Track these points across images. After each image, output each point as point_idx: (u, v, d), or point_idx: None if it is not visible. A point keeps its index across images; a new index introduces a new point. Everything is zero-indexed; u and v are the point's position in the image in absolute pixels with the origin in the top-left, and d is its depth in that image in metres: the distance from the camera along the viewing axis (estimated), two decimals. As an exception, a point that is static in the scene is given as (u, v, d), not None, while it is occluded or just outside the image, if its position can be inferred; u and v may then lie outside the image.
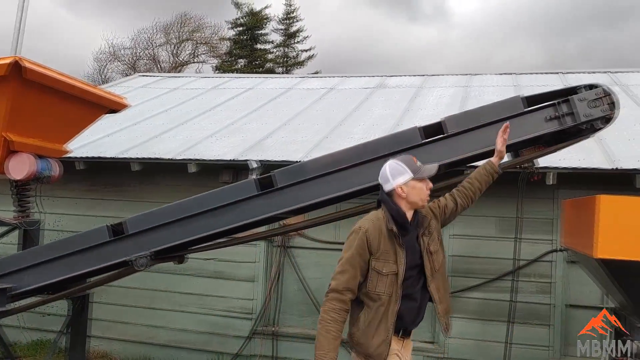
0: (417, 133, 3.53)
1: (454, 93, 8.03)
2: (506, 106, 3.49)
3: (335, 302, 2.80)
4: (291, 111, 7.73)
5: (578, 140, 3.65)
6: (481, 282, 5.46)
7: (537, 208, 5.35)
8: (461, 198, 3.16)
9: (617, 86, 7.84)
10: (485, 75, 9.14)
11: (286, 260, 6.11)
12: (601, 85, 3.40)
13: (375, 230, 2.83)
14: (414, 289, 2.87)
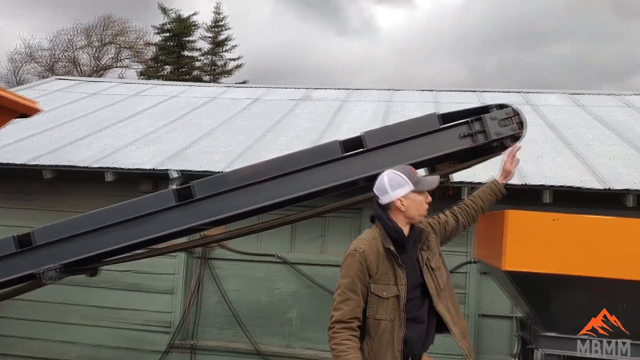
0: (338, 146, 3.57)
1: (377, 107, 8.21)
2: (423, 123, 3.60)
3: (345, 331, 2.54)
4: (215, 121, 7.64)
5: (490, 157, 3.81)
6: (399, 293, 5.57)
7: (452, 221, 5.54)
8: (463, 216, 3.02)
9: (528, 105, 8.28)
10: (407, 91, 9.41)
11: (206, 272, 6.01)
12: (511, 105, 3.57)
13: (373, 251, 2.62)
14: (419, 311, 2.65)
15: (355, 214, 5.83)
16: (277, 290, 5.92)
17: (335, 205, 3.82)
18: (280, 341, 5.83)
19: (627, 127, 7.13)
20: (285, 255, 5.89)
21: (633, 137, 6.65)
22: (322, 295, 5.76)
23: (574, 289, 3.21)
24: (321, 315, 5.78)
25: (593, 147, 6.23)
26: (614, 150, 6.12)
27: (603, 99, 8.78)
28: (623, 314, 3.31)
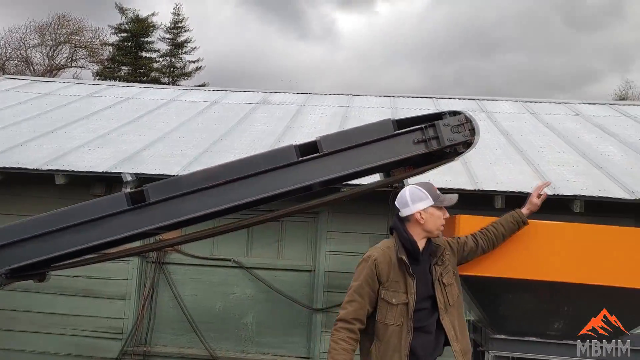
0: (293, 151, 3.57)
1: (335, 112, 8.26)
2: (378, 128, 3.63)
3: (344, 332, 2.72)
4: (171, 123, 7.54)
5: (444, 163, 3.86)
6: (355, 297, 5.60)
7: (408, 225, 5.62)
8: (483, 240, 3.12)
9: (483, 112, 8.46)
10: (365, 97, 9.49)
11: (161, 276, 5.91)
12: (463, 112, 3.63)
13: (385, 259, 2.78)
14: (427, 322, 2.77)
15: (312, 218, 5.84)
16: (233, 295, 5.87)
17: (291, 209, 3.81)
18: (236, 346, 5.78)
19: (576, 135, 7.36)
20: (241, 260, 5.85)
21: (581, 144, 6.87)
22: (279, 299, 5.75)
23: (521, 292, 3.30)
24: (277, 320, 5.77)
25: (543, 154, 6.41)
26: (563, 157, 6.31)
27: (554, 107, 9.05)
28: (568, 317, 3.41)
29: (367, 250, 2.94)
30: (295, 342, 5.76)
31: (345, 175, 3.62)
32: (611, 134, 7.45)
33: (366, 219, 5.66)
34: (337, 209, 5.71)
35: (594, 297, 3.30)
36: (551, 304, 3.37)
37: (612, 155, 6.48)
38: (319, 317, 5.67)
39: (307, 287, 5.80)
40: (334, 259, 5.73)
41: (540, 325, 3.44)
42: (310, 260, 5.84)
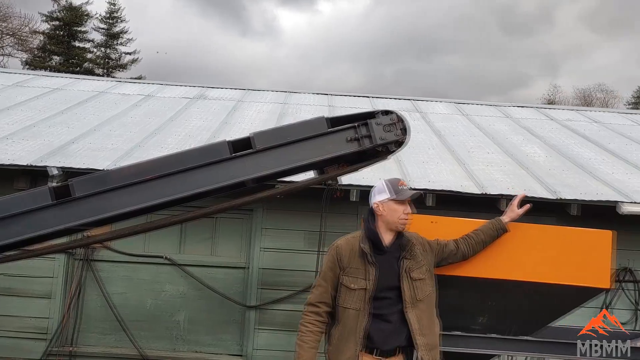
0: (226, 147, 3.53)
1: (272, 109, 8.23)
2: (312, 125, 3.64)
3: (311, 315, 2.93)
4: (102, 116, 7.31)
5: (376, 161, 3.90)
6: (289, 294, 5.62)
7: (342, 222, 5.67)
8: (464, 245, 3.22)
9: (417, 113, 8.65)
10: (303, 94, 9.51)
11: (89, 274, 5.72)
12: (395, 111, 3.70)
13: (348, 247, 2.97)
14: (388, 311, 2.88)
15: (246, 215, 5.81)
16: (165, 292, 5.76)
17: (224, 205, 3.76)
18: (167, 345, 5.68)
19: (505, 136, 7.64)
20: (173, 257, 5.74)
21: (509, 145, 7.14)
22: (212, 297, 5.68)
23: (448, 288, 3.39)
24: (210, 318, 5.71)
25: (473, 154, 6.62)
26: (492, 158, 6.53)
27: (485, 109, 9.36)
28: (492, 312, 3.54)
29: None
30: (228, 339, 5.71)
31: (279, 172, 3.61)
32: (537, 136, 7.78)
33: (301, 216, 5.68)
34: (272, 205, 5.69)
35: (516, 292, 3.43)
36: (476, 299, 3.48)
37: (537, 156, 6.77)
38: (252, 314, 5.65)
39: (240, 284, 5.76)
40: (268, 256, 5.72)
41: (466, 320, 3.56)
42: (244, 257, 5.80)
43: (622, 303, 5.83)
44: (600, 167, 6.51)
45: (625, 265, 5.84)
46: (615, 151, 7.27)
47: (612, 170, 6.42)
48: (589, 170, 6.34)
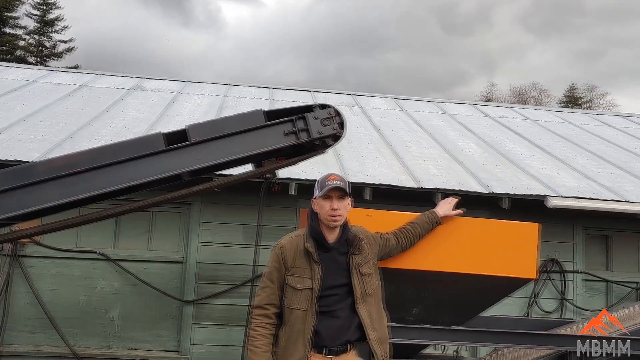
0: (161, 139, 3.46)
1: (212, 102, 8.12)
2: (248, 118, 3.62)
3: (260, 318, 2.85)
4: (33, 106, 7.01)
5: (314, 155, 3.93)
6: (227, 289, 5.57)
7: (281, 216, 5.68)
8: (403, 239, 3.28)
9: (357, 107, 8.73)
10: (244, 87, 9.42)
11: (17, 270, 5.49)
12: (332, 106, 3.73)
13: (292, 246, 2.88)
14: (335, 307, 2.85)
15: (184, 208, 5.71)
16: (98, 288, 5.59)
17: (159, 199, 3.69)
18: (101, 342, 5.52)
19: (441, 131, 7.83)
20: (107, 252, 5.58)
21: (445, 141, 7.32)
22: (148, 292, 5.56)
23: (384, 281, 3.44)
24: (146, 314, 5.59)
25: (411, 149, 6.75)
26: (429, 153, 6.68)
27: (423, 104, 9.55)
28: (426, 303, 3.63)
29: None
30: (164, 335, 5.61)
31: (215, 165, 3.58)
32: (472, 131, 8.00)
33: (239, 210, 5.64)
34: (210, 199, 5.62)
35: (449, 284, 3.53)
36: (410, 291, 3.56)
37: (472, 151, 6.96)
38: (189, 309, 5.57)
39: (177, 279, 5.66)
40: (206, 250, 5.65)
41: (400, 311, 3.63)
42: (182, 251, 5.70)
43: (549, 292, 6.10)
44: (531, 162, 6.77)
45: (552, 257, 6.10)
46: (545, 147, 7.57)
47: (541, 165, 6.69)
48: (520, 165, 6.57)
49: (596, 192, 5.83)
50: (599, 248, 6.46)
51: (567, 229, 6.22)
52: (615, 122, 9.84)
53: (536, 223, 3.61)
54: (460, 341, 3.85)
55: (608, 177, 6.49)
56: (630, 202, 5.68)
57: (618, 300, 6.24)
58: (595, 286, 6.30)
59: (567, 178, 6.28)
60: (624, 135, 8.89)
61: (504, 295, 3.81)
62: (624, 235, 6.44)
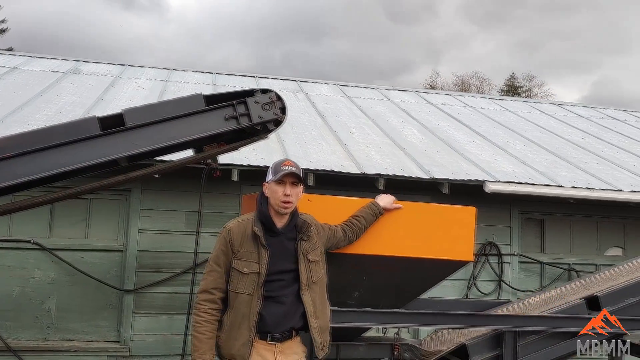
0: (96, 123, 3.35)
1: (153, 86, 7.92)
2: (187, 103, 3.55)
3: (206, 303, 2.81)
4: (-41, 89, 6.66)
5: (255, 140, 3.89)
6: (168, 277, 5.48)
7: (224, 203, 5.62)
8: (349, 232, 3.29)
9: (302, 94, 8.71)
10: (186, 72, 9.24)
11: (-56, 262, 5.22)
12: (273, 90, 3.70)
13: (240, 230, 2.86)
14: (281, 293, 2.85)
15: (123, 196, 5.56)
16: (33, 279, 5.38)
17: (94, 185, 3.56)
18: (36, 334, 5.33)
19: (385, 118, 7.91)
20: (42, 241, 5.37)
21: (388, 127, 7.40)
22: (86, 282, 5.40)
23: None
24: (83, 304, 5.44)
25: (354, 135, 6.79)
26: (372, 139, 6.74)
27: (368, 91, 9.62)
28: (367, 286, 3.67)
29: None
30: (104, 325, 5.47)
31: (153, 150, 3.49)
32: (415, 118, 8.12)
33: (180, 197, 5.54)
34: (150, 186, 5.50)
35: (389, 267, 3.57)
36: (351, 275, 3.59)
37: (414, 138, 7.07)
38: (130, 299, 5.44)
39: (117, 268, 5.52)
40: (147, 238, 5.52)
41: (341, 295, 3.66)
42: (121, 239, 5.56)
43: (487, 275, 6.29)
44: (471, 148, 6.94)
45: (490, 240, 6.29)
46: (484, 134, 7.77)
47: (480, 151, 6.86)
48: (460, 151, 6.72)
49: (531, 177, 6.03)
50: (533, 231, 6.70)
51: (504, 213, 6.42)
52: (550, 110, 10.20)
53: (473, 207, 3.69)
54: (400, 323, 3.92)
55: (543, 163, 6.72)
56: (563, 186, 5.91)
57: (551, 281, 6.51)
58: (530, 268, 6.55)
59: (505, 164, 6.46)
60: (559, 122, 9.23)
61: (443, 277, 3.90)
62: (557, 219, 6.70)
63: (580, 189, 5.92)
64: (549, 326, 4.04)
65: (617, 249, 6.96)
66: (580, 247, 6.78)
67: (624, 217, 6.81)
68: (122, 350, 5.38)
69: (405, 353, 3.99)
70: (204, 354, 2.77)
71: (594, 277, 4.77)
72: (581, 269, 6.56)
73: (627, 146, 8.21)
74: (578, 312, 4.13)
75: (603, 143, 8.23)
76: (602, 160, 7.24)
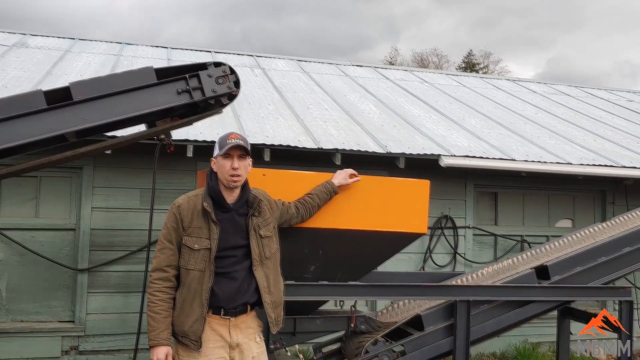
0: (41, 96, 3.23)
1: (104, 61, 7.69)
2: (138, 76, 3.46)
3: (159, 282, 2.77)
4: None
5: (209, 115, 3.83)
6: (123, 255, 5.39)
7: (179, 179, 5.55)
8: (302, 209, 3.25)
9: (259, 69, 8.61)
10: (139, 46, 9.00)
11: None
12: (226, 64, 3.63)
13: (189, 205, 2.82)
14: (232, 269, 2.83)
15: (74, 173, 5.42)
16: (-19, 260, 5.23)
17: (41, 162, 3.45)
18: (-14, 316, 5.20)
19: (342, 93, 7.89)
20: (-11, 221, 5.21)
21: (346, 102, 7.39)
22: (37, 262, 5.28)
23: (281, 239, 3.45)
24: (36, 284, 5.32)
25: (311, 110, 6.76)
26: (329, 114, 6.72)
27: (325, 67, 9.57)
28: (322, 260, 3.68)
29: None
30: (57, 306, 5.36)
31: (102, 125, 3.39)
32: (372, 93, 8.14)
33: (134, 174, 5.44)
34: (102, 163, 5.37)
35: (344, 240, 3.59)
36: (307, 249, 3.59)
37: (371, 113, 7.09)
38: (84, 278, 5.34)
39: (70, 247, 5.40)
40: (100, 216, 5.41)
41: (297, 269, 3.66)
42: (74, 218, 5.43)
43: (443, 247, 6.41)
44: (427, 123, 7.00)
45: (445, 213, 6.40)
46: (440, 109, 7.85)
47: (436, 126, 6.93)
48: (416, 126, 6.78)
49: (486, 152, 6.14)
50: (488, 204, 6.85)
51: (460, 187, 6.53)
52: (505, 86, 10.37)
53: (427, 180, 3.73)
54: (357, 296, 3.97)
55: (497, 137, 6.85)
56: (516, 160, 6.04)
57: (504, 252, 6.68)
58: (484, 240, 6.70)
59: (460, 138, 6.56)
60: (513, 98, 9.40)
61: (398, 250, 3.94)
62: (510, 192, 6.87)
63: (532, 163, 6.06)
64: (500, 295, 4.15)
65: (567, 221, 7.19)
66: (532, 220, 6.97)
67: (574, 189, 7.02)
68: (76, 330, 5.29)
69: (361, 325, 4.03)
70: (161, 333, 2.74)
71: (544, 247, 4.91)
72: (533, 241, 6.75)
73: (578, 121, 8.44)
74: (528, 282, 4.25)
75: (555, 118, 8.43)
76: (553, 135, 7.42)
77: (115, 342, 5.37)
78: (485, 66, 42.14)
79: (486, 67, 41.91)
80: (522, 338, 6.43)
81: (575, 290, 4.35)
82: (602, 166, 6.29)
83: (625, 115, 9.30)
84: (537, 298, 4.26)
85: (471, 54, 43.21)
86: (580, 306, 5.09)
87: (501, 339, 6.00)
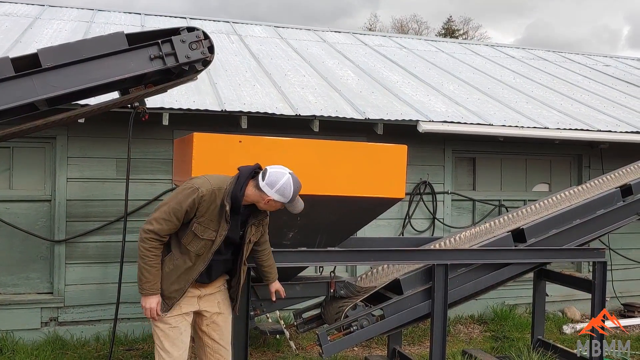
0: (9, 64, 3.15)
1: (76, 27, 7.48)
2: (108, 42, 3.38)
3: (156, 243, 2.93)
4: None
5: (184, 81, 3.77)
6: (100, 225, 5.34)
7: (155, 148, 5.47)
8: (265, 253, 3.43)
9: (235, 35, 8.46)
10: (112, 12, 8.76)
11: None
12: (200, 29, 3.56)
13: (211, 198, 2.94)
14: (221, 258, 3.11)
15: (47, 143, 5.31)
16: (-45, 233, 5.14)
17: (10, 130, 3.38)
18: (-37, 290, 5.14)
19: (320, 59, 7.81)
20: (-38, 193, 5.10)
21: (324, 69, 7.32)
22: (13, 233, 5.21)
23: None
24: (12, 256, 5.26)
25: (289, 77, 6.68)
26: (307, 80, 6.65)
27: (303, 33, 9.43)
28: (301, 226, 3.69)
29: (194, 179, 3.04)
30: (35, 277, 5.31)
31: (73, 92, 3.32)
32: (350, 60, 8.06)
33: (109, 143, 5.35)
34: (76, 132, 5.27)
35: (323, 207, 3.59)
36: (286, 216, 3.58)
37: (350, 79, 7.03)
38: (61, 249, 5.29)
39: (46, 218, 5.33)
40: (76, 186, 5.33)
41: (277, 236, 3.67)
42: (49, 189, 5.35)
43: (422, 213, 6.46)
44: (405, 89, 6.97)
45: (424, 179, 6.43)
46: (419, 75, 7.82)
47: (415, 92, 6.91)
48: (394, 92, 6.75)
49: (464, 117, 6.14)
50: (466, 170, 6.89)
51: (438, 153, 6.55)
52: (484, 51, 10.34)
53: (404, 145, 3.73)
54: (336, 261, 3.99)
55: (475, 103, 6.85)
56: (493, 125, 6.06)
57: (482, 217, 6.75)
58: (463, 205, 6.76)
59: (438, 104, 6.55)
60: (491, 63, 9.38)
61: (376, 215, 3.96)
62: (488, 157, 6.91)
63: (510, 127, 6.08)
64: (477, 258, 4.21)
65: (544, 185, 7.27)
66: (509, 184, 7.04)
67: (550, 154, 7.09)
68: (55, 301, 5.26)
69: (341, 290, 4.08)
70: (155, 285, 2.97)
71: (521, 211, 4.97)
72: (510, 205, 6.82)
73: (555, 86, 8.47)
74: (504, 245, 4.31)
75: (533, 83, 8.45)
76: (531, 100, 7.45)
77: (95, 312, 5.35)
78: (464, 32, 41.94)
79: (466, 34, 41.72)
80: (499, 300, 6.55)
81: (551, 252, 4.42)
82: (578, 130, 6.34)
83: (602, 80, 9.36)
84: (514, 260, 4.33)
85: (451, 20, 42.90)
86: (556, 268, 5.20)
87: (479, 301, 6.11)
